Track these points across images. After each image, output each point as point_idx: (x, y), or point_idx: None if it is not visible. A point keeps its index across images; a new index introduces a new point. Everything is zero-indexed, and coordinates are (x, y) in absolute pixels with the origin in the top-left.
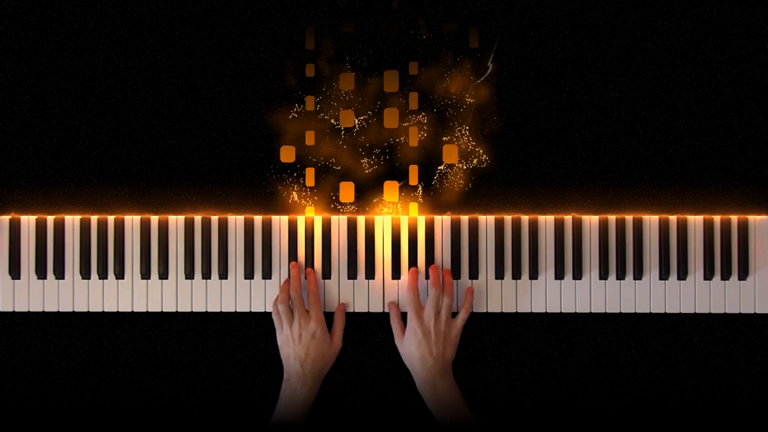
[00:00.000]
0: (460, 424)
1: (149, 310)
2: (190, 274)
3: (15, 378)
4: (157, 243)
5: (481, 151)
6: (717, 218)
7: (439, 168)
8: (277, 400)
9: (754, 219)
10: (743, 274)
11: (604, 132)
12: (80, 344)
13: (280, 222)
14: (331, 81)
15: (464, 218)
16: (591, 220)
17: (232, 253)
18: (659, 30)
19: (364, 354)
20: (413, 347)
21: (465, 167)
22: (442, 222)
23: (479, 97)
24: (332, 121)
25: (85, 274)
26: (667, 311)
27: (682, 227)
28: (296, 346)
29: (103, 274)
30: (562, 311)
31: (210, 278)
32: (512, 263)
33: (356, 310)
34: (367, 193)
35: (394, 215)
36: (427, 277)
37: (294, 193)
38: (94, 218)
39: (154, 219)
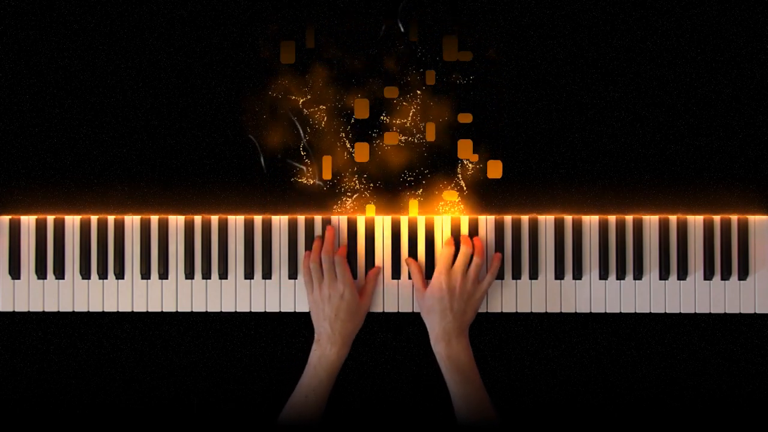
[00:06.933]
0: (473, 398)
1: (149, 310)
2: (190, 274)
3: (15, 378)
4: (157, 243)
5: (481, 151)
6: (717, 218)
7: (439, 168)
8: (303, 369)
9: (754, 219)
10: (743, 274)
11: (604, 132)
12: (80, 344)
13: (280, 222)
14: (333, 80)
15: (464, 218)
16: (591, 220)
17: (232, 253)
18: (659, 30)
19: (364, 354)
20: (435, 301)
21: (465, 167)
22: (442, 222)
23: (479, 98)
24: (341, 116)
25: (85, 274)
26: (667, 311)
27: (682, 227)
28: (326, 306)
29: (103, 274)
30: (562, 311)
31: (210, 278)
32: (512, 263)
33: None
34: (376, 195)
35: (394, 215)
36: (428, 277)
37: (300, 193)
38: (94, 218)
39: (154, 219)
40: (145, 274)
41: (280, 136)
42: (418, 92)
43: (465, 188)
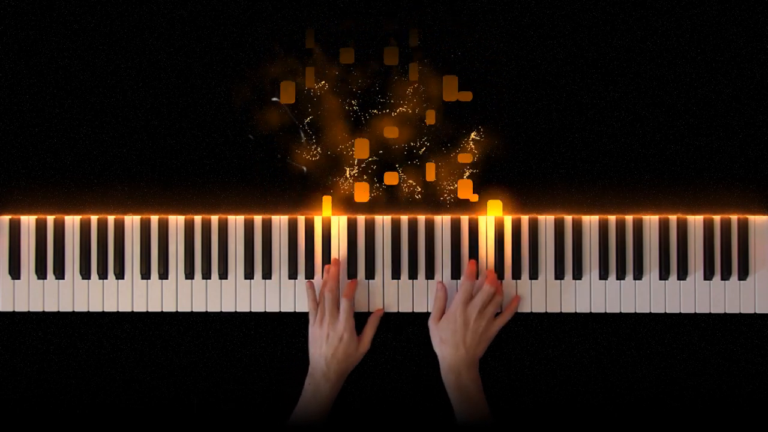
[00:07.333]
0: (478, 421)
1: (149, 310)
2: (190, 274)
3: (15, 378)
4: (157, 243)
5: (481, 151)
6: (717, 218)
7: (440, 168)
8: (291, 397)
9: (754, 219)
10: (743, 274)
11: (604, 132)
12: (80, 344)
13: (280, 222)
14: (333, 75)
15: (464, 218)
16: (591, 220)
17: (232, 253)
18: (659, 30)
19: (364, 354)
20: (449, 332)
21: (466, 167)
22: (442, 222)
23: (479, 98)
24: (344, 106)
25: (85, 274)
26: (667, 311)
27: (682, 227)
28: (323, 344)
29: (103, 274)
30: (562, 311)
31: (210, 278)
32: (512, 263)
33: (356, 310)
34: (376, 195)
35: (395, 215)
36: (427, 269)
37: (298, 193)
38: (94, 218)
39: (154, 219)
40: (145, 274)
41: (279, 141)
42: (418, 132)
43: (464, 188)
